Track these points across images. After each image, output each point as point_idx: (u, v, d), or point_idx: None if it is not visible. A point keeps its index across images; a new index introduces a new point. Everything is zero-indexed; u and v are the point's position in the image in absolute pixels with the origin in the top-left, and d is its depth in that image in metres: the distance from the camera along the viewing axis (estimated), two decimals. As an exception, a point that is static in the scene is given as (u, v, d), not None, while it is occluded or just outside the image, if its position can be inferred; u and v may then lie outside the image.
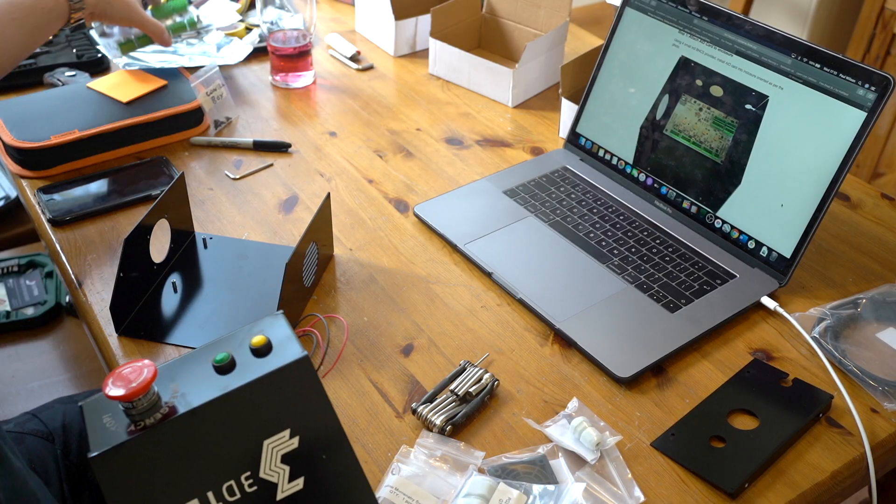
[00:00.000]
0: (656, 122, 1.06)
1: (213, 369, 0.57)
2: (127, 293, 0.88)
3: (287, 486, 0.58)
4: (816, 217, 0.91)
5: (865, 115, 0.88)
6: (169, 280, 0.94)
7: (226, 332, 0.79)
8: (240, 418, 0.56)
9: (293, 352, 0.58)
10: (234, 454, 0.57)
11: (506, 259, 0.97)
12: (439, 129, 1.24)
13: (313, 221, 0.89)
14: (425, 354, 0.86)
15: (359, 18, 1.49)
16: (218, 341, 0.60)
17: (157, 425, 0.54)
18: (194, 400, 0.55)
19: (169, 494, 0.55)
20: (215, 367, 0.57)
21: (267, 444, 0.57)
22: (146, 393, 0.53)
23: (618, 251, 0.98)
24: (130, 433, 0.54)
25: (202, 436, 0.56)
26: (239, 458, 0.57)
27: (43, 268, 1.94)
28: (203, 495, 0.55)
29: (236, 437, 0.57)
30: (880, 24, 2.16)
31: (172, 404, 0.55)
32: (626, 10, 1.09)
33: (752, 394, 0.81)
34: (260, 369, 0.57)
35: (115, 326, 0.87)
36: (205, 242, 1.00)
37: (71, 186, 1.07)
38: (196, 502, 0.55)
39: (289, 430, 0.58)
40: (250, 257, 0.98)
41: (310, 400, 0.58)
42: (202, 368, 0.58)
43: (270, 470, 0.57)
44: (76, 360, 1.76)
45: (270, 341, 0.59)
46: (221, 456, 0.56)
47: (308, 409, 0.58)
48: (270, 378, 0.57)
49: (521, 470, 0.74)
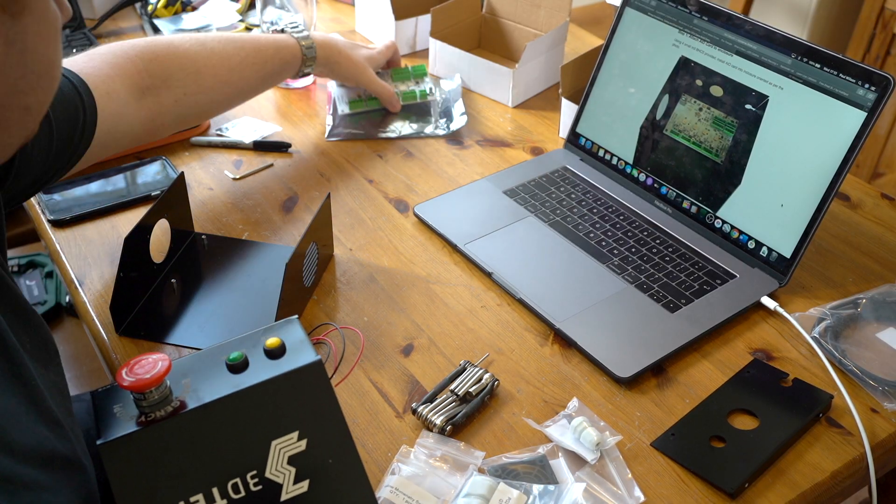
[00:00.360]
0: (656, 122, 1.06)
1: (225, 368, 0.58)
2: (127, 293, 0.88)
3: (292, 487, 0.58)
4: (816, 217, 0.91)
5: (865, 115, 0.88)
6: (169, 280, 0.94)
7: (226, 332, 0.79)
8: (249, 417, 0.57)
9: (307, 356, 0.58)
10: (241, 452, 0.57)
11: (506, 259, 0.97)
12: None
13: (313, 221, 0.88)
14: (425, 354, 0.86)
15: (359, 18, 1.49)
16: (232, 341, 0.60)
17: (167, 419, 0.54)
18: (205, 396, 0.56)
19: (174, 487, 0.55)
20: (228, 366, 0.58)
21: (275, 444, 0.57)
22: (158, 385, 0.54)
23: (618, 251, 0.98)
24: (140, 424, 0.54)
25: (211, 432, 0.56)
26: (246, 456, 0.57)
27: (43, 268, 1.94)
28: (208, 491, 0.56)
29: (245, 436, 0.57)
30: (880, 24, 2.16)
31: (183, 399, 0.56)
32: (626, 10, 1.09)
33: (752, 394, 0.81)
34: (272, 370, 0.57)
35: (115, 326, 0.87)
36: (205, 242, 1.00)
37: (71, 186, 1.07)
38: (201, 497, 0.55)
39: (297, 432, 0.58)
40: (250, 257, 0.98)
41: (320, 404, 0.58)
42: (215, 366, 0.58)
43: (276, 470, 0.57)
44: (76, 360, 1.76)
45: (284, 344, 0.59)
46: (229, 453, 0.56)
47: (318, 413, 0.58)
48: (282, 379, 0.57)
49: (521, 470, 0.74)
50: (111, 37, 1.44)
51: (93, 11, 1.48)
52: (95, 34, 1.43)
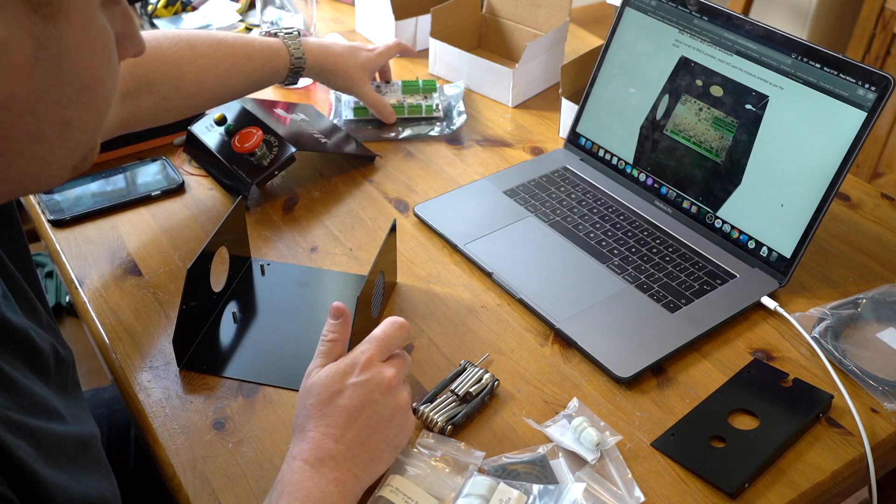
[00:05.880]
0: (656, 122, 1.06)
1: None
2: (188, 325, 0.83)
3: None
4: (816, 217, 0.91)
5: (865, 115, 0.88)
6: (229, 310, 0.90)
7: (291, 366, 0.80)
8: None
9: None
10: None
11: (506, 259, 0.97)
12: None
13: (381, 251, 0.85)
14: (425, 354, 0.86)
15: (359, 18, 1.49)
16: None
17: None
18: None
19: None
20: None
21: None
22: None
23: (618, 251, 0.98)
24: None
25: None
26: None
27: (43, 268, 1.93)
28: None
29: None
30: (880, 24, 2.16)
31: None
32: (626, 10, 1.09)
33: (753, 394, 0.81)
34: None
35: (178, 360, 0.83)
36: (263, 269, 0.96)
37: (71, 186, 1.07)
38: None
39: None
40: (312, 285, 0.94)
41: None
42: None
43: None
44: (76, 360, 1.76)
45: None
46: None
47: None
48: None
49: (521, 470, 0.74)
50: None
51: (93, 11, 1.48)
52: (95, 34, 1.43)
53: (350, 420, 0.68)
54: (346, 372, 0.70)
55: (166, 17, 1.48)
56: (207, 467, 0.74)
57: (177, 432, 0.77)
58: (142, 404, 0.80)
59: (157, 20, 1.46)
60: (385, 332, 0.73)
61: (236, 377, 0.82)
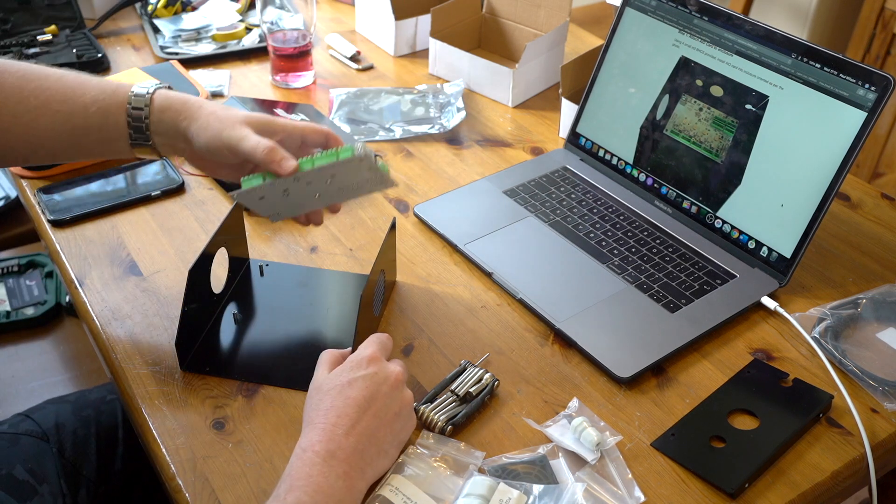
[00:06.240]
0: (656, 122, 1.06)
1: None
2: (190, 327, 0.83)
3: None
4: (816, 217, 0.91)
5: (865, 115, 0.88)
6: (230, 310, 0.90)
7: (294, 365, 0.80)
8: None
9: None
10: None
11: (506, 259, 0.97)
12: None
13: (382, 249, 0.85)
14: (425, 354, 0.86)
15: (359, 18, 1.49)
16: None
17: None
18: None
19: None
20: None
21: None
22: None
23: (618, 251, 0.98)
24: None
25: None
26: None
27: (43, 268, 1.94)
28: None
29: None
30: (880, 24, 2.16)
31: None
32: (626, 10, 1.09)
33: (752, 394, 0.81)
34: None
35: (180, 362, 0.82)
36: (261, 270, 0.96)
37: (71, 186, 1.07)
38: None
39: None
40: (311, 285, 0.94)
41: None
42: None
43: None
44: (76, 360, 1.76)
45: None
46: None
47: None
48: None
49: (521, 470, 0.74)
50: (111, 37, 1.44)
51: (93, 12, 1.48)
52: (95, 34, 1.43)
53: (360, 412, 0.69)
54: (354, 366, 0.73)
55: (166, 17, 1.48)
56: (207, 467, 0.74)
57: (176, 432, 0.77)
58: (141, 404, 0.80)
59: (157, 20, 1.46)
60: (380, 338, 0.77)
61: (238, 378, 0.82)
